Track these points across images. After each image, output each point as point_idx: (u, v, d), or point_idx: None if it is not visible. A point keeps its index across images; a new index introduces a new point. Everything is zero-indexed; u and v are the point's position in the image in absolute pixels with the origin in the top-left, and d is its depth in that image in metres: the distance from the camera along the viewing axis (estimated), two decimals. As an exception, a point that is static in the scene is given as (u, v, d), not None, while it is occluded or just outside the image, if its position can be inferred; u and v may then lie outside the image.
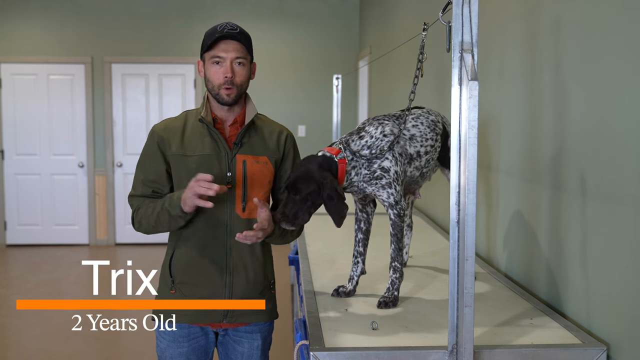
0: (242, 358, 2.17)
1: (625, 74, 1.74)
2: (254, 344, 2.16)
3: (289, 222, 2.01)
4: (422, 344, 1.76)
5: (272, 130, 2.16)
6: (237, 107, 2.10)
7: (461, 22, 1.58)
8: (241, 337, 2.16)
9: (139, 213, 2.08)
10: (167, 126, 2.11)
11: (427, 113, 2.25)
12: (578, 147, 2.00)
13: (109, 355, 4.19)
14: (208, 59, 2.04)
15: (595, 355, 1.75)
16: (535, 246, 2.33)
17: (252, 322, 2.14)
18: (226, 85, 2.02)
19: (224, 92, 2.03)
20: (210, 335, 2.16)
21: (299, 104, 7.54)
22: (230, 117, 2.10)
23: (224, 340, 2.18)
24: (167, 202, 2.00)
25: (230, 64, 2.01)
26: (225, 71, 2.01)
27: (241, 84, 2.05)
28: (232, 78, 2.01)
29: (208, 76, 2.05)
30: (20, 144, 7.35)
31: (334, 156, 2.05)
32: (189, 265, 2.09)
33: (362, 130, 2.11)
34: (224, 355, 2.21)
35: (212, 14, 7.32)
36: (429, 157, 2.20)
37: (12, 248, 7.35)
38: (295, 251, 3.24)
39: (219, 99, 2.05)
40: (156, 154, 2.09)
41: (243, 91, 2.07)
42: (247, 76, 2.07)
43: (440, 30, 1.89)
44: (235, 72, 2.02)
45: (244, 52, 2.03)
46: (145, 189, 2.10)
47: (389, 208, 2.09)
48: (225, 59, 2.01)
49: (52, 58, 7.32)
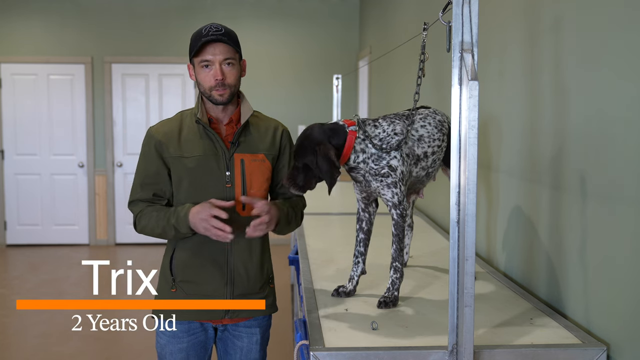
0: (241, 353, 2.19)
1: (625, 74, 1.74)
2: (253, 339, 2.19)
3: (296, 187, 2.04)
4: (422, 344, 1.75)
5: (267, 127, 2.17)
6: (231, 107, 2.12)
7: (461, 22, 1.58)
8: (240, 332, 2.18)
9: (142, 222, 2.09)
10: (163, 128, 2.12)
11: (434, 113, 2.25)
12: (578, 147, 2.00)
13: (109, 355, 4.19)
14: (197, 64, 2.05)
15: (595, 355, 1.75)
16: (535, 246, 2.33)
17: (252, 316, 2.17)
18: (217, 87, 2.03)
19: (215, 93, 2.04)
20: (209, 331, 2.18)
21: (299, 104, 7.54)
22: (225, 116, 2.12)
23: (223, 336, 2.20)
24: (174, 219, 2.02)
25: (219, 66, 2.02)
26: (215, 74, 2.02)
27: (233, 84, 2.06)
28: (223, 80, 2.03)
29: (199, 80, 2.06)
30: (20, 144, 7.35)
31: (345, 125, 2.06)
32: (189, 264, 2.10)
33: (376, 121, 2.11)
34: (222, 351, 2.23)
35: (212, 14, 7.32)
36: (436, 157, 2.21)
37: (12, 248, 7.35)
38: (295, 251, 3.24)
39: (212, 100, 2.06)
40: (154, 156, 2.09)
41: (235, 90, 2.09)
42: (237, 75, 2.08)
43: (440, 30, 1.89)
44: (225, 74, 2.03)
45: (231, 52, 2.04)
46: (145, 192, 2.10)
47: (392, 208, 2.09)
48: (214, 62, 2.02)
49: (52, 58, 7.32)
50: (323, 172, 2.01)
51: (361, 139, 2.06)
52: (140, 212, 2.10)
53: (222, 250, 2.09)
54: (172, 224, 2.02)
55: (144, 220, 2.08)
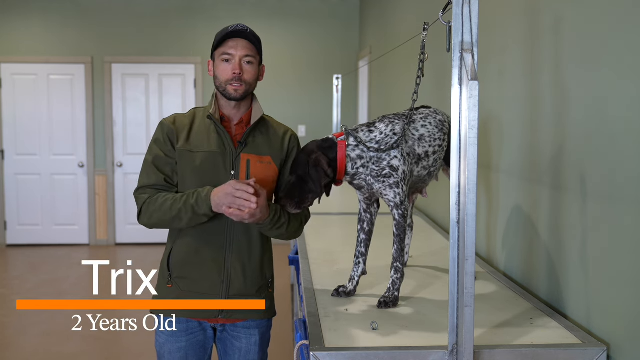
0: (240, 354, 2.18)
1: (625, 74, 1.74)
2: (251, 340, 2.18)
3: (292, 205, 2.05)
4: (422, 344, 1.75)
5: (277, 131, 2.18)
6: (243, 106, 2.12)
7: (461, 22, 1.58)
8: (239, 332, 2.17)
9: (151, 205, 2.03)
10: (176, 120, 2.13)
11: (435, 113, 2.26)
12: (578, 147, 2.00)
13: (109, 355, 4.19)
14: (218, 57, 2.06)
15: (595, 355, 1.75)
16: (535, 246, 2.33)
17: (247, 319, 2.16)
18: (234, 81, 2.03)
19: (230, 87, 2.04)
20: (208, 331, 2.18)
21: (299, 104, 7.54)
22: (237, 115, 2.12)
23: (222, 336, 2.20)
24: (193, 200, 1.97)
25: (239, 61, 2.04)
26: (234, 68, 2.03)
27: (249, 82, 2.06)
28: (241, 75, 2.03)
29: (217, 73, 2.07)
30: (20, 144, 7.35)
31: (335, 137, 2.08)
32: (186, 260, 2.10)
33: (372, 125, 2.12)
34: (222, 351, 2.22)
35: (212, 14, 7.32)
36: (437, 156, 2.21)
37: (12, 248, 7.35)
38: (295, 251, 3.24)
39: (226, 94, 2.06)
40: (166, 141, 2.08)
41: (251, 89, 2.09)
42: (255, 75, 2.09)
43: (440, 30, 1.89)
44: (243, 70, 2.04)
45: (253, 51, 2.06)
46: (157, 177, 2.06)
47: (394, 208, 2.09)
48: (235, 56, 2.04)
49: (52, 58, 7.32)
50: (314, 180, 2.02)
51: (353, 145, 2.07)
52: (150, 198, 2.04)
53: (221, 249, 2.09)
54: (190, 204, 1.97)
55: (154, 205, 2.02)
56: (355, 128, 2.12)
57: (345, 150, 2.06)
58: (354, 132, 2.09)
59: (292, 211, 2.08)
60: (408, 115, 2.14)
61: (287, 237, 2.17)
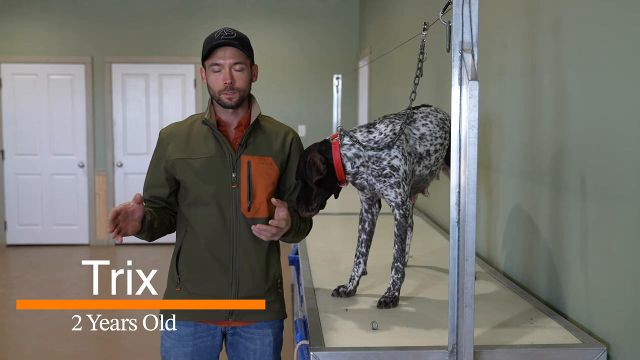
0: (254, 356, 2.15)
1: (625, 74, 1.74)
2: (265, 340, 2.15)
3: (305, 210, 2.10)
4: (422, 344, 1.75)
5: (277, 132, 2.17)
6: (241, 111, 2.13)
7: (461, 22, 1.58)
8: (252, 333, 2.14)
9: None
10: (172, 131, 2.16)
11: (435, 111, 2.26)
12: (578, 147, 2.00)
13: (109, 355, 4.19)
14: (208, 67, 2.07)
15: (595, 355, 1.75)
16: (535, 246, 2.33)
17: (260, 320, 2.14)
18: (226, 91, 2.04)
19: (224, 97, 2.06)
20: (217, 337, 2.15)
21: (299, 104, 7.54)
22: (234, 120, 2.13)
23: (233, 341, 2.16)
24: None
25: (229, 70, 2.04)
26: (225, 77, 2.03)
27: (242, 88, 2.07)
28: (232, 84, 2.04)
29: (209, 83, 2.08)
30: (20, 144, 7.35)
31: (330, 138, 2.11)
32: (195, 264, 2.10)
33: (372, 126, 2.12)
34: (235, 358, 2.19)
35: (212, 14, 7.33)
36: (438, 155, 2.21)
37: (12, 248, 7.35)
38: (295, 251, 3.24)
39: (221, 103, 2.08)
40: (159, 161, 2.14)
41: (245, 95, 2.09)
42: (247, 80, 2.08)
43: (440, 30, 1.89)
44: (234, 78, 2.04)
45: (242, 57, 2.05)
46: (145, 194, 2.16)
47: (395, 208, 2.09)
48: (224, 66, 2.04)
49: (52, 58, 7.32)
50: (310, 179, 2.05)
51: (349, 144, 2.07)
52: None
53: (228, 251, 2.08)
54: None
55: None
56: (354, 129, 2.13)
57: (339, 150, 2.06)
58: (349, 132, 2.10)
59: (305, 215, 2.11)
60: (406, 115, 2.14)
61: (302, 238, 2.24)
